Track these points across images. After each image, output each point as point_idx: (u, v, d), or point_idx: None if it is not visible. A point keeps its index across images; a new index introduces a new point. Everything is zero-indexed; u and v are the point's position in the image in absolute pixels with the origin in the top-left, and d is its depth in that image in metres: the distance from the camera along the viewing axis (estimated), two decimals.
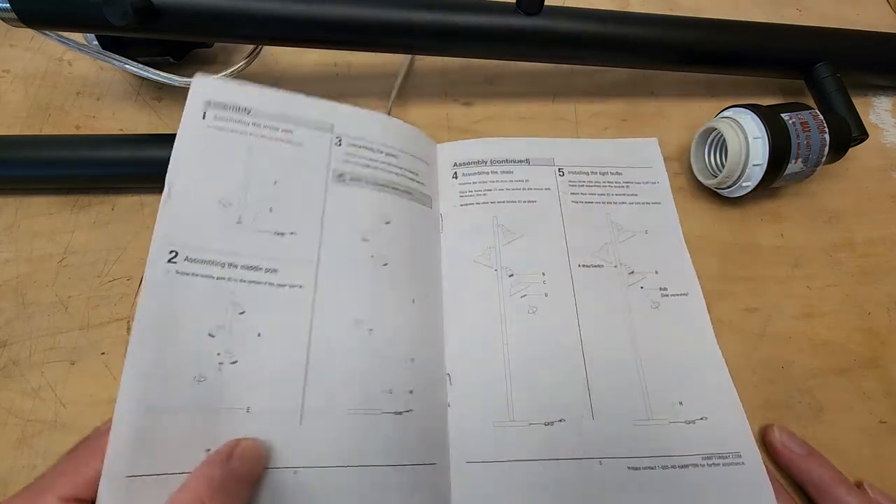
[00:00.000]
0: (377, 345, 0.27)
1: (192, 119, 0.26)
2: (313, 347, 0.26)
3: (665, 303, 0.30)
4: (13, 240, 0.31)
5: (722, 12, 0.37)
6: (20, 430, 0.27)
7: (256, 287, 0.25)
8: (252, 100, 0.28)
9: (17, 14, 0.28)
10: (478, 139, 0.34)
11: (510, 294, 0.29)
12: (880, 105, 0.39)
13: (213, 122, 0.27)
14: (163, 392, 0.23)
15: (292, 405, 0.25)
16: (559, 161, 0.34)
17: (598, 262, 0.31)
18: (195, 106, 0.26)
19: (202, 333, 0.24)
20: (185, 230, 0.25)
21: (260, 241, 0.26)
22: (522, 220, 0.31)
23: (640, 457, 0.26)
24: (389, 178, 0.30)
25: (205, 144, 0.26)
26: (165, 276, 0.24)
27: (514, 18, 0.32)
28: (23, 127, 0.35)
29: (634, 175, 0.34)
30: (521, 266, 0.30)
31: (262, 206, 0.27)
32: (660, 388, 0.27)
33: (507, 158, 0.33)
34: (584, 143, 0.35)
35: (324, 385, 0.25)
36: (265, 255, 0.26)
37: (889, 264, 0.33)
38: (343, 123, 0.30)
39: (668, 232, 0.32)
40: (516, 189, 0.32)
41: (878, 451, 0.28)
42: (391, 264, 0.28)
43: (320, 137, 0.29)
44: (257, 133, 0.27)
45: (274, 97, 0.28)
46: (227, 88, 0.27)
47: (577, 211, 0.32)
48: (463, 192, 0.32)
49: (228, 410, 0.24)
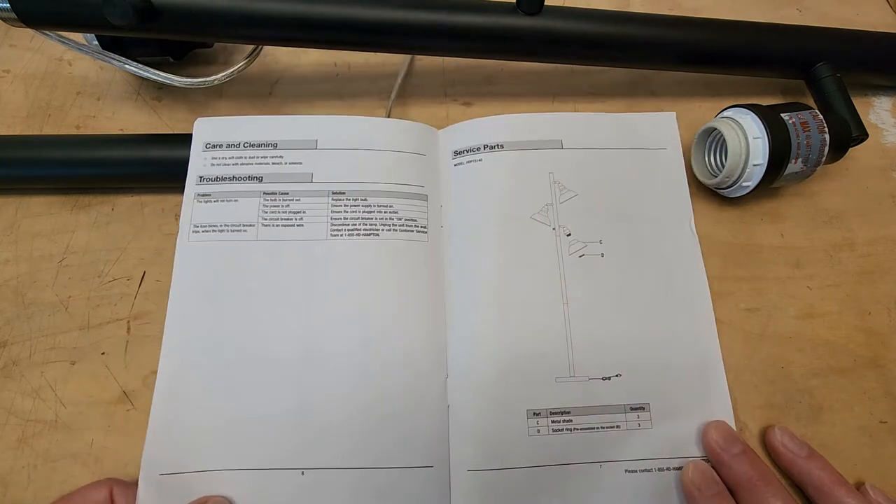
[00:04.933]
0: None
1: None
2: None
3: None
4: (13, 240, 0.31)
5: (722, 12, 0.37)
6: (20, 430, 0.27)
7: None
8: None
9: (17, 14, 0.28)
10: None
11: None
12: (880, 105, 0.39)
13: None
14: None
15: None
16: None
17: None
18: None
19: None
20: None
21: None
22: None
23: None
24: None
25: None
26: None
27: (514, 18, 0.32)
28: (23, 127, 0.35)
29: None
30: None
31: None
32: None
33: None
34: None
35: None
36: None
37: (889, 264, 0.33)
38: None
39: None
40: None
41: (878, 451, 0.28)
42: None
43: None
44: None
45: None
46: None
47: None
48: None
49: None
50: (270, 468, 0.25)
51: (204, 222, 0.29)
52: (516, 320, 0.28)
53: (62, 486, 0.26)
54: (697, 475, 0.25)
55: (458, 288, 0.29)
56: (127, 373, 0.28)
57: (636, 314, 0.29)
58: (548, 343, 0.28)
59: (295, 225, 0.29)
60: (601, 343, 0.28)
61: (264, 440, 0.25)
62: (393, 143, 0.31)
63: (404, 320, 0.28)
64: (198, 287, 0.28)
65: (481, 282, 0.29)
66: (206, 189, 0.30)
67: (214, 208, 0.29)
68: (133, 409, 0.27)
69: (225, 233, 0.29)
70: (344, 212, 0.29)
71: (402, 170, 0.31)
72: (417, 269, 0.29)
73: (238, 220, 0.29)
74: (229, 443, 0.25)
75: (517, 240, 0.30)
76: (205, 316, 0.27)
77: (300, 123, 0.31)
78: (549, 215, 0.30)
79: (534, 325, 0.28)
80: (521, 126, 0.32)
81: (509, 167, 0.31)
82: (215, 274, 0.28)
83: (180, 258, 0.28)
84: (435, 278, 0.29)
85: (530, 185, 0.31)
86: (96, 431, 0.27)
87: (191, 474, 0.25)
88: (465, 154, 0.32)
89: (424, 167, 0.32)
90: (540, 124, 0.32)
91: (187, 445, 0.25)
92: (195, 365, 0.26)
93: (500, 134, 0.32)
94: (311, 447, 0.25)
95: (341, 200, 0.30)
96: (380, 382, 0.26)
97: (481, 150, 0.32)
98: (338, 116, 0.32)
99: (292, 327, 0.27)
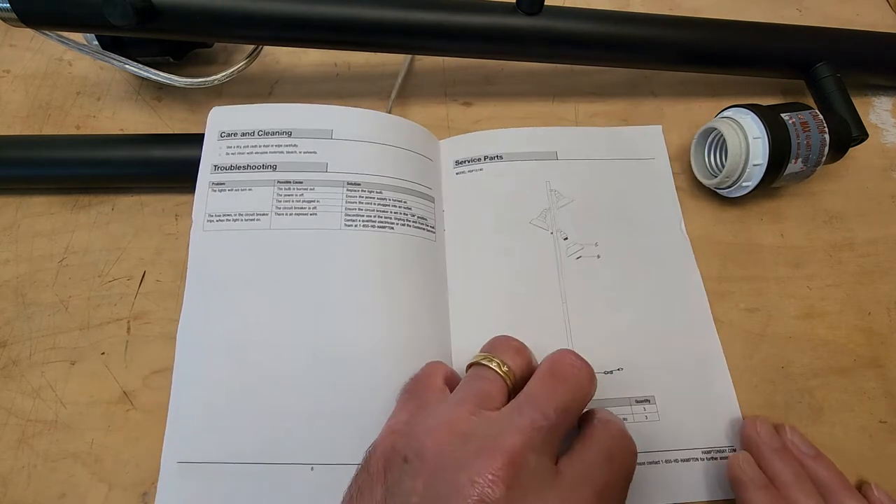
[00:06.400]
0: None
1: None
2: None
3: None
4: (13, 240, 0.31)
5: (722, 12, 0.37)
6: (20, 430, 0.27)
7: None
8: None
9: (17, 14, 0.28)
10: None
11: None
12: (880, 105, 0.39)
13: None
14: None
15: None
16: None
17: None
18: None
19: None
20: None
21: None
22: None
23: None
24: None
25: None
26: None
27: (514, 18, 0.32)
28: (23, 127, 0.35)
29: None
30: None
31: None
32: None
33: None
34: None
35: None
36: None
37: (889, 264, 0.33)
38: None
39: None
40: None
41: (878, 451, 0.28)
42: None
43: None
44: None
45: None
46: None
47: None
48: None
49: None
50: (283, 462, 0.25)
51: (218, 211, 0.29)
52: (516, 318, 0.29)
53: (62, 486, 0.25)
54: (748, 467, 0.25)
55: (460, 288, 0.30)
56: (127, 373, 0.28)
57: (634, 311, 0.30)
58: (548, 338, 0.28)
59: (308, 214, 0.29)
60: (601, 338, 0.29)
61: (277, 432, 0.25)
62: (406, 142, 0.32)
63: (415, 315, 0.28)
64: (213, 276, 0.28)
65: (482, 282, 0.30)
66: (220, 178, 0.29)
67: (229, 197, 0.29)
68: (133, 408, 0.27)
69: (239, 222, 0.29)
70: (359, 203, 0.29)
71: (413, 168, 0.31)
72: (428, 266, 0.29)
73: (252, 210, 0.29)
74: (245, 433, 0.25)
75: (516, 243, 0.31)
76: (220, 305, 0.27)
77: (315, 112, 0.31)
78: (547, 220, 0.32)
79: (534, 321, 0.29)
80: (518, 139, 0.34)
81: (508, 176, 0.33)
82: (230, 263, 0.28)
83: (195, 247, 0.28)
84: (441, 277, 0.30)
85: (528, 193, 0.32)
86: (96, 431, 0.27)
87: (208, 465, 0.25)
88: (465, 164, 0.33)
89: (431, 171, 0.32)
90: (536, 137, 0.34)
91: (205, 434, 0.25)
92: (211, 355, 0.26)
93: (499, 146, 0.34)
94: (322, 441, 0.25)
95: (356, 191, 0.29)
96: (390, 376, 0.26)
97: (482, 160, 0.33)
98: (353, 108, 0.31)
99: (305, 319, 0.27)
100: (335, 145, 0.30)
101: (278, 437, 0.25)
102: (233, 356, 0.26)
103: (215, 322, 0.27)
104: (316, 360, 0.26)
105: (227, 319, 0.27)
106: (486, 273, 0.30)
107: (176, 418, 0.26)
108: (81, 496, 0.25)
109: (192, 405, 0.26)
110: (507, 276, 0.30)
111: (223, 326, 0.27)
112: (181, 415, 0.26)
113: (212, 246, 0.28)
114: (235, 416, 0.26)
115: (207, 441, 0.25)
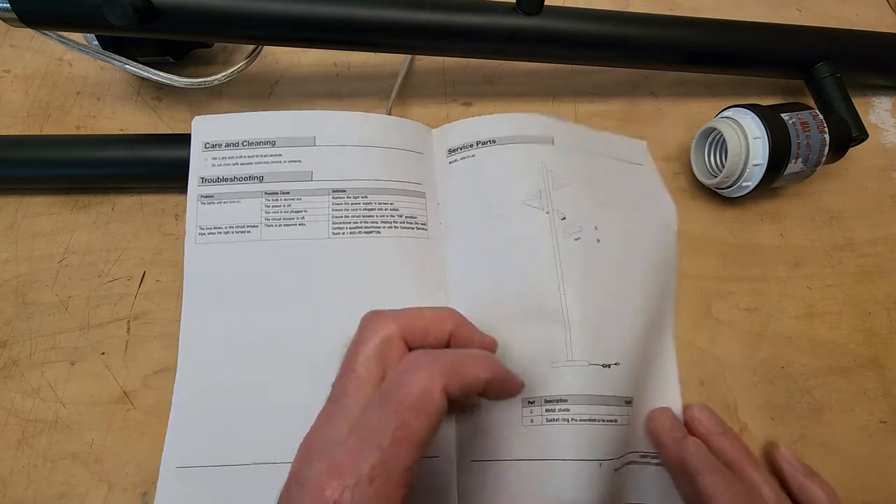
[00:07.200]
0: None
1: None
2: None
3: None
4: (13, 240, 0.31)
5: (722, 12, 0.37)
6: (20, 430, 0.27)
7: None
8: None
9: (17, 14, 0.28)
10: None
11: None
12: (880, 105, 0.39)
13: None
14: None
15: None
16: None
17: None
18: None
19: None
20: None
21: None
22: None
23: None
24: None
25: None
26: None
27: (514, 18, 0.32)
28: (23, 127, 0.35)
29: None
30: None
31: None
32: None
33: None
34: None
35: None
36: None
37: (889, 264, 0.33)
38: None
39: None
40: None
41: (878, 451, 0.28)
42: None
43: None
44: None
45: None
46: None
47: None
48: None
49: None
50: (282, 462, 0.25)
51: (209, 224, 0.29)
52: (512, 302, 0.28)
53: (62, 486, 0.26)
54: (701, 452, 0.25)
55: (458, 281, 0.29)
56: (127, 373, 0.28)
57: (632, 304, 0.28)
58: (545, 323, 0.27)
59: (297, 224, 0.29)
60: (599, 327, 0.27)
61: (275, 435, 0.25)
62: (391, 140, 0.31)
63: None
64: (209, 288, 0.28)
65: (478, 272, 0.29)
66: (208, 190, 0.30)
67: (218, 210, 0.29)
68: (133, 409, 0.27)
69: (230, 234, 0.29)
70: (345, 210, 0.29)
71: (400, 167, 0.31)
72: (419, 266, 0.29)
73: (242, 222, 0.29)
74: (244, 438, 0.26)
75: (512, 224, 0.29)
76: (218, 316, 0.28)
77: (297, 119, 0.31)
78: (543, 200, 0.30)
79: (530, 304, 0.27)
80: (513, 123, 0.32)
81: (501, 158, 0.31)
82: (224, 275, 0.28)
83: (189, 260, 0.29)
84: (435, 274, 0.30)
85: (522, 173, 0.31)
86: (96, 431, 0.27)
87: (207, 468, 0.25)
88: (458, 151, 0.32)
89: (422, 165, 0.32)
90: (531, 122, 0.33)
91: (206, 440, 0.26)
92: (212, 363, 0.27)
93: (493, 130, 0.32)
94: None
95: (342, 198, 0.30)
96: None
97: (474, 146, 0.32)
98: (334, 112, 0.32)
99: (299, 329, 0.27)
100: (319, 152, 0.30)
101: (277, 441, 0.25)
102: (233, 363, 0.27)
103: (215, 331, 0.27)
104: (313, 366, 0.26)
105: (225, 329, 0.27)
106: (482, 261, 0.29)
107: (178, 424, 0.26)
108: (81, 496, 0.25)
109: (194, 411, 0.26)
110: (503, 257, 0.29)
111: (222, 335, 0.27)
112: (183, 420, 0.26)
113: (205, 258, 0.29)
114: (235, 421, 0.26)
115: (207, 445, 0.26)
